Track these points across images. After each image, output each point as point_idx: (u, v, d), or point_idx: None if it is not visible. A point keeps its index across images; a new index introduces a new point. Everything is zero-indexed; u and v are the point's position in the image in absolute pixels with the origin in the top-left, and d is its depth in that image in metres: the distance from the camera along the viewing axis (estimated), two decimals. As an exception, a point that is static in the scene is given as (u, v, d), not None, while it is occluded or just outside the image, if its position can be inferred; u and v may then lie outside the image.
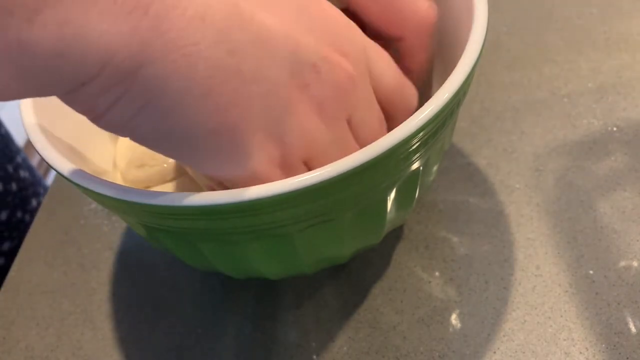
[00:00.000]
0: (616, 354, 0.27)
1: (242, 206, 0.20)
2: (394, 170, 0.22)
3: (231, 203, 0.20)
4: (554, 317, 0.29)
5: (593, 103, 0.37)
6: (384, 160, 0.21)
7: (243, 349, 0.30)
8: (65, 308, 0.33)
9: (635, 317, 0.28)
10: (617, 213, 0.32)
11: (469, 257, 0.32)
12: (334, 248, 0.26)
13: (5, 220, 0.47)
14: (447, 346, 0.29)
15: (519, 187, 0.34)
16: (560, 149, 0.35)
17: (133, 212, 0.22)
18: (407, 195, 0.26)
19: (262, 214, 0.21)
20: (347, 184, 0.21)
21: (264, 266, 0.26)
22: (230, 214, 0.21)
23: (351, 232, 0.25)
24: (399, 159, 0.22)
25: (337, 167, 0.20)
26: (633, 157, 0.34)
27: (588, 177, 0.34)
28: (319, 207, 0.22)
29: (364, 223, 0.25)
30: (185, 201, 0.20)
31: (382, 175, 0.22)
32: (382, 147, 0.20)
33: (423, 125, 0.21)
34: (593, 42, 0.41)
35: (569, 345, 0.28)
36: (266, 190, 0.20)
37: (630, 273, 0.30)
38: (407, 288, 0.31)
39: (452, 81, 0.22)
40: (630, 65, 0.39)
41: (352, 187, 0.21)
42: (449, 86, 0.22)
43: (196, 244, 0.24)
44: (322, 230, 0.23)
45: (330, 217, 0.23)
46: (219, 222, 0.22)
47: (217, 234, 0.23)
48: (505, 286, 0.30)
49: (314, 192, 0.20)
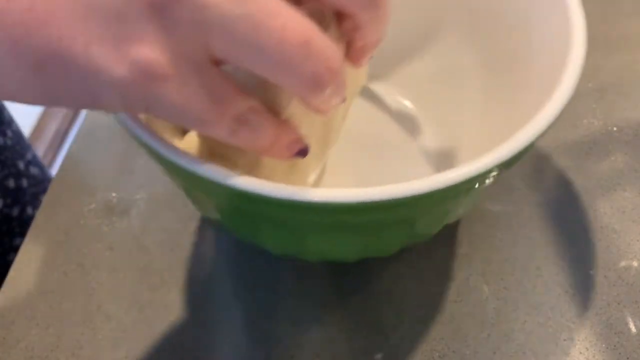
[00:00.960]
0: (616, 354, 0.27)
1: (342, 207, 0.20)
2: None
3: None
4: (554, 317, 0.29)
5: (593, 103, 0.37)
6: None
7: (241, 348, 0.30)
8: (65, 308, 0.33)
9: (635, 317, 0.28)
10: (617, 213, 0.32)
11: (469, 257, 0.32)
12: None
13: (17, 216, 0.48)
14: (447, 346, 0.29)
15: (519, 187, 0.34)
16: (560, 149, 0.35)
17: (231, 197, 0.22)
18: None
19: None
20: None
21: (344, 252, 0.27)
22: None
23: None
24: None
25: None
26: (633, 157, 0.34)
27: (588, 177, 0.34)
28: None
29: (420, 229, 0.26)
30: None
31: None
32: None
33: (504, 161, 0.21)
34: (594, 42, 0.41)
35: (569, 345, 0.28)
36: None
37: (630, 273, 0.30)
38: (407, 288, 0.31)
39: (542, 119, 0.21)
40: (630, 65, 0.39)
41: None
42: (539, 124, 0.21)
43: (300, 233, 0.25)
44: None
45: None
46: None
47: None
48: (505, 286, 0.30)
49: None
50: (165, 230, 0.35)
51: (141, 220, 0.36)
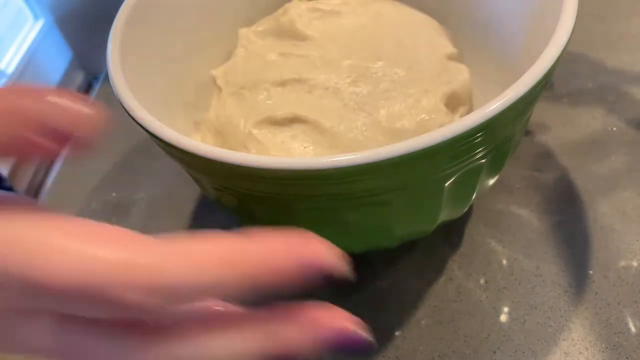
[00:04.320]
0: (616, 354, 0.27)
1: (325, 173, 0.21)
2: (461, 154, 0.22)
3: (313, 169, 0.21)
4: (554, 317, 0.29)
5: (593, 103, 0.37)
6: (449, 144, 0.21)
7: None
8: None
9: (635, 317, 0.28)
10: (617, 213, 0.32)
11: (469, 257, 0.32)
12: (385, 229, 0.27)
13: None
14: (447, 346, 0.29)
15: (519, 187, 0.34)
16: (560, 149, 0.35)
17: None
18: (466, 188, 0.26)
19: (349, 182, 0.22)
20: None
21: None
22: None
23: (404, 216, 0.26)
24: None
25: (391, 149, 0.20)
26: (633, 157, 0.34)
27: (588, 177, 0.34)
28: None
29: (419, 208, 0.26)
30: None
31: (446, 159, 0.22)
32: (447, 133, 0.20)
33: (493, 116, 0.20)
34: (593, 42, 0.41)
35: (569, 345, 0.28)
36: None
37: (630, 273, 0.30)
38: (407, 288, 0.31)
39: (534, 72, 0.21)
40: (631, 65, 0.39)
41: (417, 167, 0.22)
42: (533, 74, 0.21)
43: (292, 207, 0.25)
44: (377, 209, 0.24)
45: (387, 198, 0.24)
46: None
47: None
48: (505, 286, 0.30)
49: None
50: (165, 230, 0.35)
51: (141, 220, 0.36)
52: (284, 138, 0.28)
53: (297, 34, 0.32)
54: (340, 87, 0.29)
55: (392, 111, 0.28)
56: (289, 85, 0.30)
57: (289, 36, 0.32)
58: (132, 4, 0.30)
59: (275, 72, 0.30)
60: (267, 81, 0.30)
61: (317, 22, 0.33)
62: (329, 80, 0.29)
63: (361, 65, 0.30)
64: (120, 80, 0.26)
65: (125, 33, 0.29)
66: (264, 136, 0.28)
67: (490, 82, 0.30)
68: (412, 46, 0.30)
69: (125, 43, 0.28)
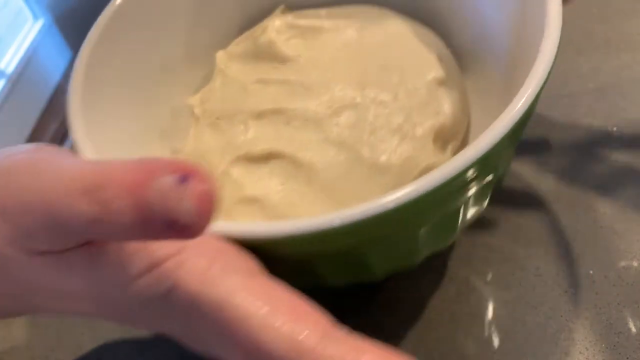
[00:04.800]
0: (616, 354, 0.27)
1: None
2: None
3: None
4: (554, 317, 0.29)
5: (593, 103, 0.37)
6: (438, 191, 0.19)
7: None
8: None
9: (635, 317, 0.28)
10: (617, 213, 0.32)
11: (469, 257, 0.32)
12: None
13: None
14: (447, 346, 0.29)
15: (518, 187, 0.34)
16: (560, 149, 0.35)
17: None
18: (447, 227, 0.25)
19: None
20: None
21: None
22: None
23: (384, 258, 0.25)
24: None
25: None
26: (633, 157, 0.34)
27: (588, 177, 0.34)
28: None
29: (396, 251, 0.25)
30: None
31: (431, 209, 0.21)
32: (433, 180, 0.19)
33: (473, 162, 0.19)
34: (593, 42, 0.41)
35: (569, 345, 0.28)
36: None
37: (630, 273, 0.30)
38: (407, 288, 0.31)
39: (508, 115, 0.20)
40: (630, 65, 0.39)
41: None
42: (503, 122, 0.20)
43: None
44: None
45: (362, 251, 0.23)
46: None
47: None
48: (505, 286, 0.30)
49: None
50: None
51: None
52: (262, 175, 0.27)
53: (276, 55, 0.30)
54: (322, 117, 0.27)
55: (377, 146, 0.26)
56: (267, 117, 0.28)
57: (268, 58, 0.31)
58: (102, 25, 0.29)
59: (253, 101, 0.29)
60: (245, 112, 0.29)
61: (297, 41, 0.31)
62: (308, 110, 0.28)
63: (344, 94, 0.28)
64: (80, 129, 0.25)
65: (91, 64, 0.27)
66: (240, 174, 0.27)
67: (490, 92, 0.29)
68: (398, 69, 0.29)
69: (91, 76, 0.27)
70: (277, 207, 0.26)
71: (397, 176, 0.26)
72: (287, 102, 0.28)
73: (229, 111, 0.29)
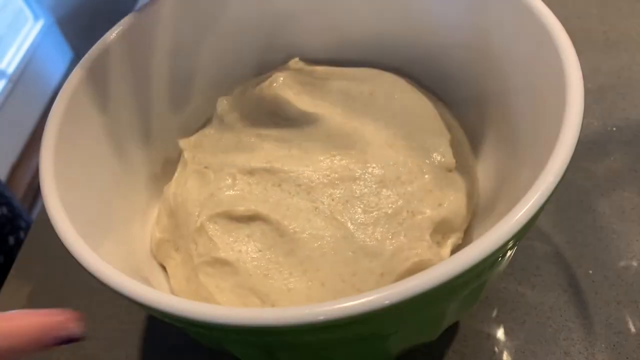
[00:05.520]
0: (616, 354, 0.27)
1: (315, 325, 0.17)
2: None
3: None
4: (554, 317, 0.29)
5: (593, 103, 0.37)
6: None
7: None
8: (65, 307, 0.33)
9: (635, 317, 0.28)
10: (617, 213, 0.32)
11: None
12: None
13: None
14: (447, 346, 0.29)
15: (518, 187, 0.34)
16: (560, 149, 0.35)
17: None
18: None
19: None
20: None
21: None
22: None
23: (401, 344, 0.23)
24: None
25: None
26: (633, 157, 0.34)
27: (588, 177, 0.34)
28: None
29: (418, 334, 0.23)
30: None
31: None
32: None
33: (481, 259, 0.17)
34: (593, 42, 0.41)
35: (569, 345, 0.28)
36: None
37: (630, 273, 0.30)
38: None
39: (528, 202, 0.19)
40: (630, 65, 0.39)
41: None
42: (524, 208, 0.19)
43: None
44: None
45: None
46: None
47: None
48: (504, 286, 0.30)
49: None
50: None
51: (141, 221, 0.36)
52: (239, 236, 0.25)
53: (280, 111, 0.29)
54: (316, 185, 0.25)
55: (369, 227, 0.24)
56: (258, 175, 0.26)
57: (271, 112, 0.29)
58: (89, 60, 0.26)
59: (246, 156, 0.27)
60: (235, 165, 0.27)
61: (305, 98, 0.29)
62: (303, 176, 0.26)
63: (343, 165, 0.26)
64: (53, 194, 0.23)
65: (69, 107, 0.25)
66: (215, 232, 0.25)
67: (502, 174, 0.26)
68: (404, 149, 0.26)
69: (71, 113, 0.25)
70: (250, 277, 0.24)
71: (385, 264, 0.23)
72: (282, 163, 0.26)
73: (219, 162, 0.28)
